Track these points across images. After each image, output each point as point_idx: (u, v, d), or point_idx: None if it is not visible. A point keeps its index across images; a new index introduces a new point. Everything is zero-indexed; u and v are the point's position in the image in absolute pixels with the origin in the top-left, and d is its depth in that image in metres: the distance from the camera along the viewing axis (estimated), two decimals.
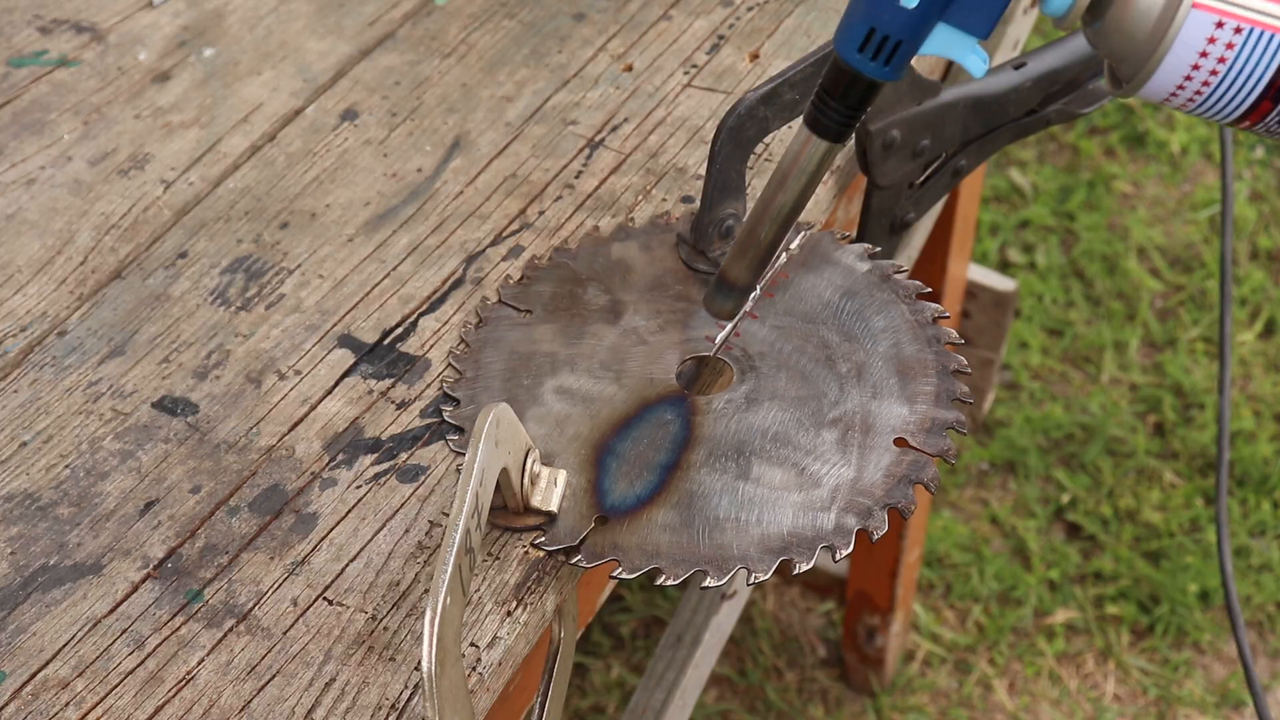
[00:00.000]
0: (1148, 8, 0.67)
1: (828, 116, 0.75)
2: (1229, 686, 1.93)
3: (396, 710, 0.74)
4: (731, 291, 0.83)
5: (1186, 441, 2.15)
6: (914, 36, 0.71)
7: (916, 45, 0.71)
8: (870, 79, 0.73)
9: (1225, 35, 0.66)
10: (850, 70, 0.73)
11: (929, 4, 0.69)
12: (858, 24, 0.71)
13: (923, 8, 0.69)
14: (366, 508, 0.83)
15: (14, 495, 0.84)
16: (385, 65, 1.14)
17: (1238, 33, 0.66)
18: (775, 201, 0.79)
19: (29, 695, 0.75)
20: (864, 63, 0.72)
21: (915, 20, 0.70)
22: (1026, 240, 2.44)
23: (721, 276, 0.83)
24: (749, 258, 0.82)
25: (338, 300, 0.95)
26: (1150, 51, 0.68)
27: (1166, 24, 0.67)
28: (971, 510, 2.11)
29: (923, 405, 0.86)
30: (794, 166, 0.78)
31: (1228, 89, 0.68)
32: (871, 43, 0.71)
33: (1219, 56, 0.67)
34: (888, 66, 0.72)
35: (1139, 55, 0.68)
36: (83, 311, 0.95)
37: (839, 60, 0.73)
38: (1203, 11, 0.66)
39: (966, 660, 1.97)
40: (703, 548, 0.79)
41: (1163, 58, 0.67)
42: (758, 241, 0.81)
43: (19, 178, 1.05)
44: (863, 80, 0.73)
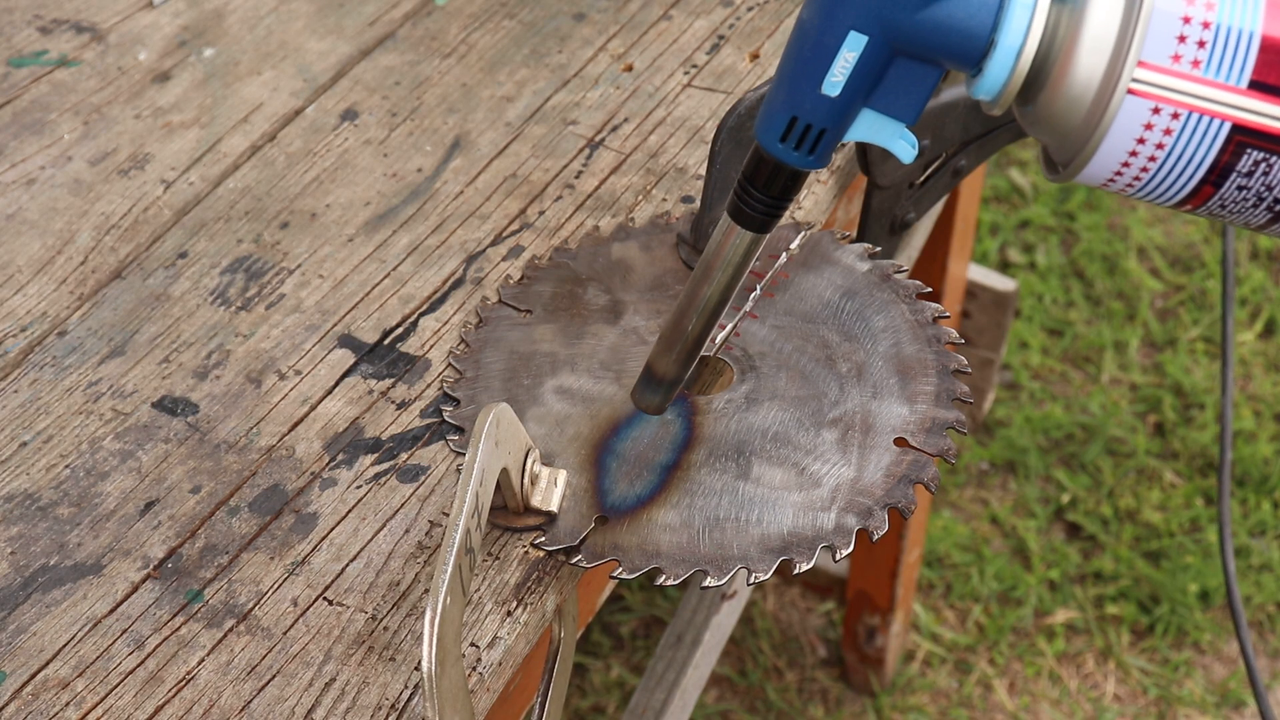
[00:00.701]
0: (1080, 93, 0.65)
1: (751, 207, 0.73)
2: (1229, 686, 1.93)
3: (396, 710, 0.74)
4: (660, 385, 0.81)
5: (1186, 441, 2.15)
6: (837, 124, 0.68)
7: (841, 133, 0.69)
8: (793, 168, 0.70)
9: (1162, 121, 0.64)
10: (772, 160, 0.70)
11: (853, 91, 0.67)
12: (779, 112, 0.69)
13: (846, 95, 0.67)
14: (366, 508, 0.83)
15: (14, 495, 0.84)
16: (385, 65, 1.14)
17: (1175, 118, 0.64)
18: (700, 294, 0.77)
19: (29, 695, 0.75)
20: (787, 152, 0.69)
21: (839, 108, 0.67)
22: (1026, 240, 2.44)
23: (649, 370, 0.81)
24: (676, 351, 0.79)
25: (338, 300, 0.95)
26: (1085, 139, 0.65)
27: (1101, 110, 0.64)
28: (971, 510, 2.11)
29: (923, 405, 0.86)
30: (718, 258, 0.75)
31: (1167, 174, 0.66)
32: (794, 132, 0.68)
33: (1156, 142, 0.65)
34: (811, 155, 0.69)
35: (1073, 142, 0.66)
36: (83, 311, 0.95)
37: (760, 149, 0.71)
38: (1137, 98, 0.64)
39: (966, 660, 1.97)
40: (703, 547, 0.79)
41: (1098, 145, 0.65)
42: (684, 334, 0.78)
43: (19, 178, 1.05)
44: (785, 169, 0.71)
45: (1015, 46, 0.65)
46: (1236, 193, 0.66)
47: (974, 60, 0.65)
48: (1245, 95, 0.63)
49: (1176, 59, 0.63)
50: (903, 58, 0.66)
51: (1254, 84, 0.63)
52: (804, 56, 0.67)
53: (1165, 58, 0.63)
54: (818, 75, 0.66)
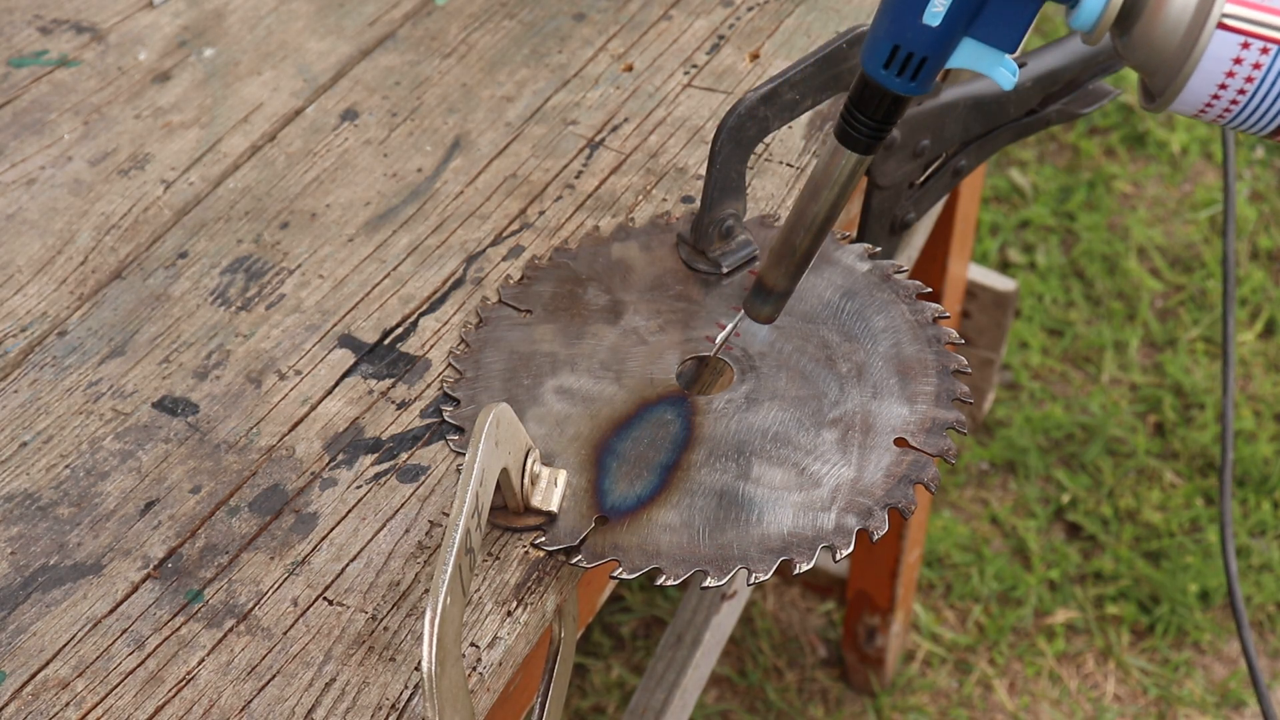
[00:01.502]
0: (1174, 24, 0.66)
1: (856, 130, 0.76)
2: (1229, 686, 1.93)
3: (396, 710, 0.74)
4: (769, 296, 0.84)
5: (1186, 441, 2.15)
6: (939, 52, 0.70)
7: (942, 61, 0.71)
8: (896, 94, 0.73)
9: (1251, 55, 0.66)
10: (877, 85, 0.73)
11: (953, 21, 0.69)
12: (883, 40, 0.71)
13: (947, 25, 0.69)
14: (366, 508, 0.83)
15: (14, 495, 0.84)
16: (385, 65, 1.14)
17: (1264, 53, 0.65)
18: (809, 211, 0.80)
19: (29, 695, 0.75)
20: (889, 79, 0.72)
21: (940, 37, 0.70)
22: (1026, 240, 2.44)
23: (760, 282, 0.84)
24: (785, 265, 0.83)
25: (338, 300, 0.95)
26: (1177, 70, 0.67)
27: (1192, 42, 0.66)
28: (971, 510, 2.11)
29: (923, 405, 0.86)
30: (825, 178, 0.78)
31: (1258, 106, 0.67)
32: (897, 59, 0.71)
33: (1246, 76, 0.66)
34: (914, 82, 0.72)
35: (1167, 71, 0.68)
36: (83, 311, 0.95)
37: (865, 75, 0.73)
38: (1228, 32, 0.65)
39: (966, 660, 1.97)
40: (703, 548, 0.79)
41: (1189, 75, 0.67)
42: (793, 249, 0.82)
43: (19, 178, 1.05)
44: (889, 95, 0.73)
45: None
46: None
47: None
48: None
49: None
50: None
51: None
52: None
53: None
54: (919, 5, 0.69)
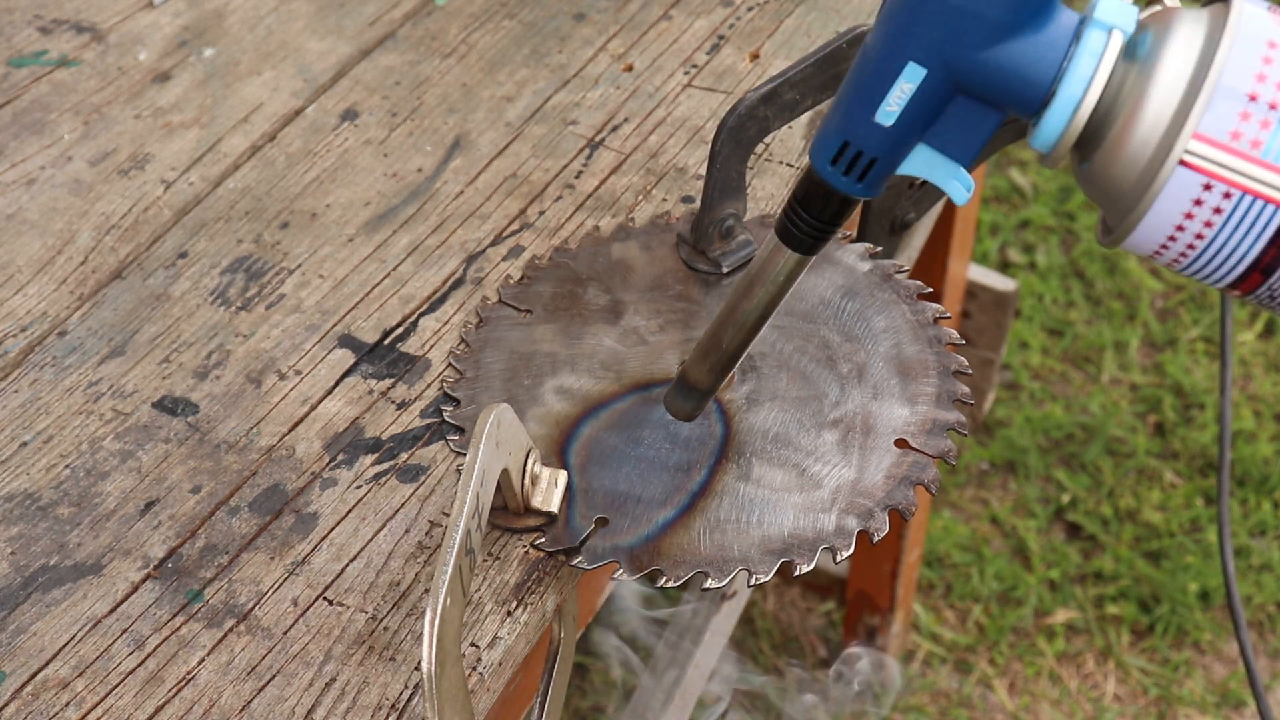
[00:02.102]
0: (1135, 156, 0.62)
1: (798, 228, 0.72)
2: (1229, 686, 1.93)
3: (396, 710, 0.74)
4: (693, 394, 0.81)
5: (1187, 441, 2.15)
6: (890, 155, 0.67)
7: (893, 164, 0.67)
8: (843, 194, 0.69)
9: (1213, 198, 0.61)
10: (822, 183, 0.69)
11: (907, 123, 0.65)
12: (832, 135, 0.68)
13: (901, 126, 0.65)
14: (367, 508, 0.83)
15: (14, 495, 0.84)
16: (385, 65, 1.14)
17: (1226, 198, 0.61)
18: (740, 309, 0.76)
19: (29, 695, 0.75)
20: (836, 177, 0.68)
21: (892, 138, 0.66)
22: (1026, 240, 2.44)
23: (683, 377, 0.81)
24: (711, 362, 0.79)
25: (338, 300, 0.95)
26: (1133, 203, 0.63)
27: (1151, 178, 0.62)
28: (972, 510, 2.11)
29: (923, 406, 0.86)
30: (761, 275, 0.75)
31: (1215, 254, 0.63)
32: (845, 156, 0.67)
33: (1205, 220, 0.62)
34: (860, 183, 0.68)
35: (1123, 206, 0.64)
36: (83, 311, 0.95)
37: (811, 170, 0.69)
38: (1190, 171, 0.61)
39: (966, 660, 1.97)
40: (703, 549, 0.79)
41: (1145, 212, 0.62)
42: (720, 347, 0.78)
43: (19, 178, 1.05)
44: (835, 195, 0.69)
45: (1075, 99, 0.63)
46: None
47: (1034, 107, 0.64)
48: None
49: (1236, 136, 0.61)
50: (963, 96, 0.65)
51: None
52: (862, 82, 0.66)
53: (1224, 134, 0.61)
54: (873, 103, 0.65)
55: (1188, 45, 0.62)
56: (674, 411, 0.82)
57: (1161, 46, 0.62)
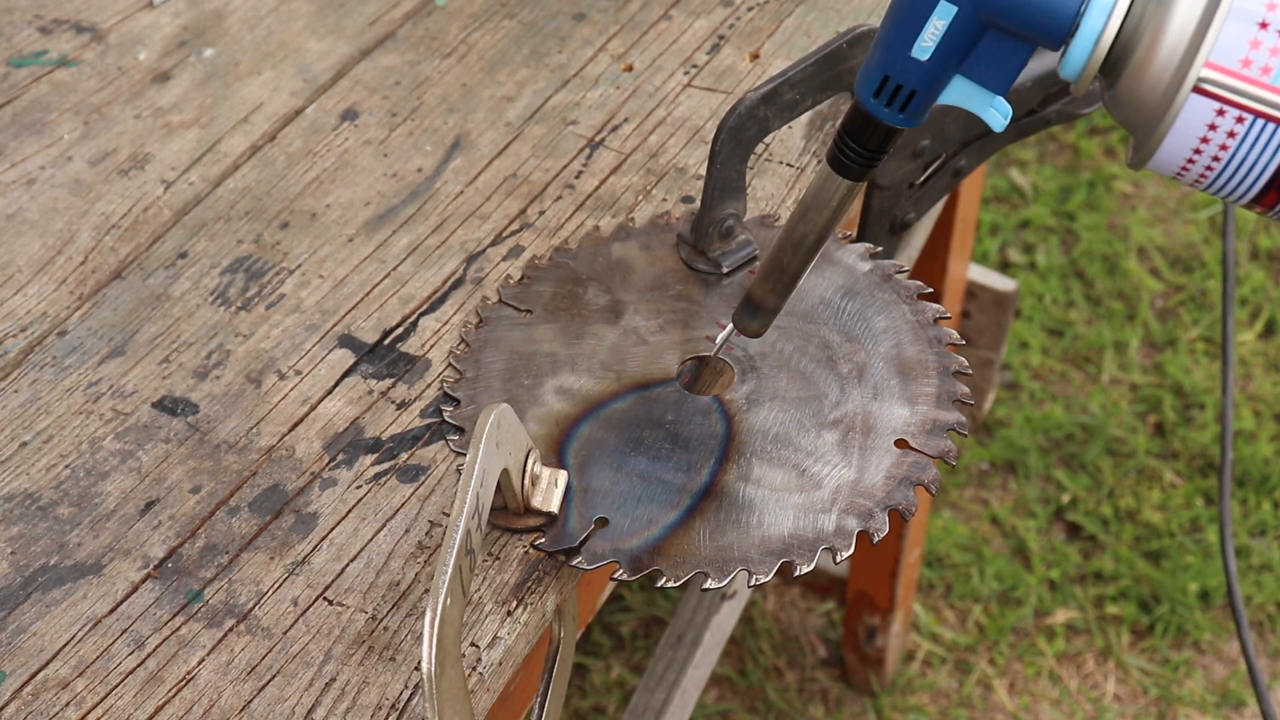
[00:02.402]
0: (1154, 83, 0.65)
1: (847, 157, 0.75)
2: (1229, 686, 1.93)
3: (396, 710, 0.74)
4: (758, 311, 0.84)
5: (1186, 441, 2.15)
6: (928, 87, 0.70)
7: (932, 96, 0.71)
8: (887, 125, 0.73)
9: (1226, 122, 0.64)
10: (867, 115, 0.73)
11: (943, 57, 0.69)
12: (874, 70, 0.71)
13: (936, 60, 0.69)
14: (366, 508, 0.83)
15: (14, 495, 0.84)
16: (385, 65, 1.14)
17: (1240, 121, 0.64)
18: (798, 230, 0.80)
19: (29, 695, 0.75)
20: (879, 108, 0.72)
21: (929, 71, 0.69)
22: (1026, 240, 2.44)
23: (749, 297, 0.84)
24: (773, 282, 0.82)
25: (338, 300, 0.95)
26: (1154, 128, 0.66)
27: (1169, 103, 0.65)
28: (972, 510, 2.11)
29: (924, 406, 0.86)
30: (816, 201, 0.78)
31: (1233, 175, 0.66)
32: (886, 89, 0.71)
33: (1220, 143, 0.65)
34: (903, 114, 0.72)
35: (1145, 129, 0.67)
36: (83, 311, 0.95)
37: (857, 103, 0.73)
38: (1203, 97, 0.64)
39: (966, 660, 1.97)
40: (703, 549, 0.79)
41: (1163, 138, 0.66)
42: (782, 268, 0.81)
43: (19, 178, 1.05)
44: (880, 125, 0.73)
45: (1096, 29, 0.66)
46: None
47: (1059, 39, 0.67)
48: None
49: (1247, 63, 0.63)
50: (994, 30, 0.68)
51: None
52: (899, 19, 0.69)
53: (1235, 60, 0.63)
54: (909, 39, 0.69)
55: None
56: (743, 328, 0.85)
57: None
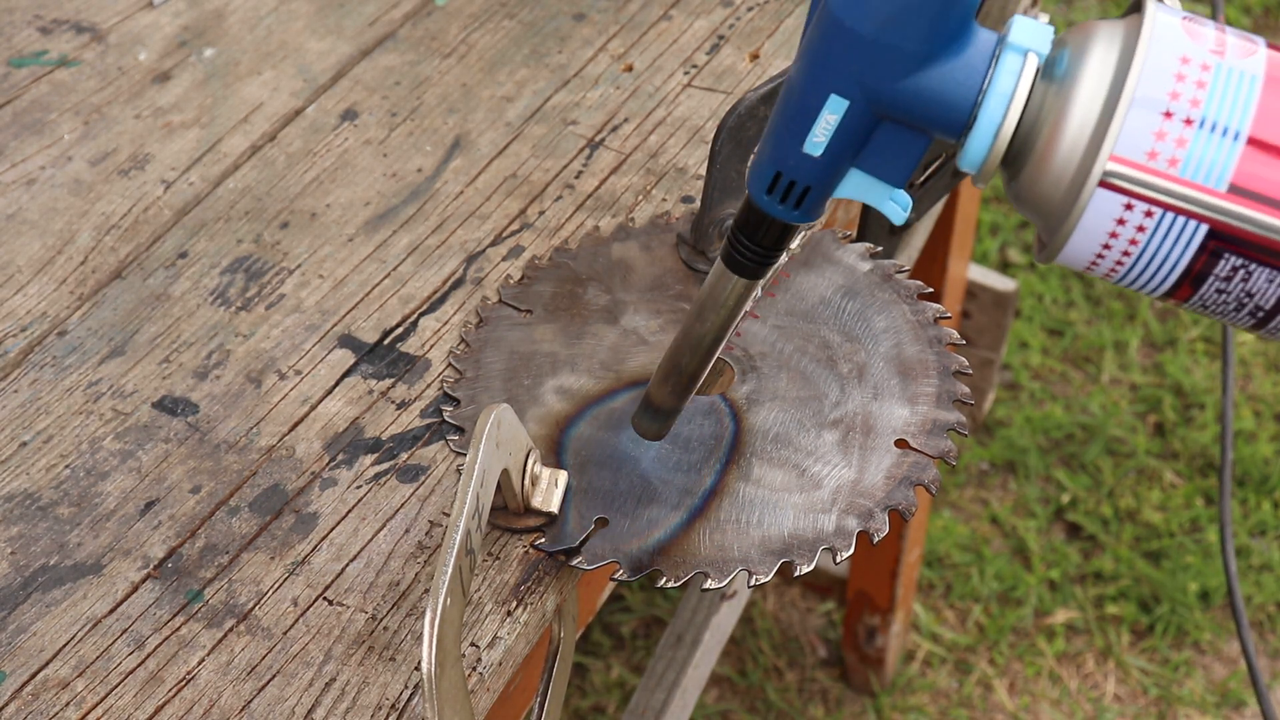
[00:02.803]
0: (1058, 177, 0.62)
1: (742, 255, 0.73)
2: (1229, 686, 1.93)
3: (396, 710, 0.74)
4: (658, 414, 0.82)
5: (1186, 441, 2.15)
6: (823, 183, 0.67)
7: (827, 191, 0.68)
8: (782, 221, 0.70)
9: (1135, 217, 0.61)
10: (760, 212, 0.70)
11: (836, 151, 0.66)
12: (765, 166, 0.68)
13: (829, 155, 0.66)
14: (366, 508, 0.83)
15: (14, 495, 0.84)
16: (385, 65, 1.14)
17: (1148, 215, 0.61)
18: (695, 332, 0.77)
19: (29, 695, 0.75)
20: (772, 205, 0.69)
21: (822, 168, 0.66)
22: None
23: (648, 399, 0.82)
24: (672, 384, 0.80)
25: (338, 300, 0.95)
26: (1060, 222, 0.63)
27: (1074, 197, 0.62)
28: (972, 510, 2.11)
29: (924, 406, 0.86)
30: (712, 300, 0.75)
31: (1144, 269, 0.63)
32: (779, 186, 0.68)
33: (1130, 238, 0.62)
34: (798, 210, 0.69)
35: (1051, 224, 0.64)
36: (83, 311, 0.95)
37: (749, 199, 0.70)
38: (1110, 191, 0.61)
39: (967, 660, 1.97)
40: (703, 549, 0.79)
41: (1070, 233, 0.63)
42: (680, 369, 0.79)
43: (19, 178, 1.05)
44: (775, 223, 0.70)
45: (995, 122, 0.63)
46: (1216, 295, 0.64)
47: (957, 131, 0.64)
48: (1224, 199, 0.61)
49: (1153, 155, 0.61)
50: (888, 122, 0.65)
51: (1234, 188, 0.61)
52: (788, 113, 0.66)
53: (1140, 153, 0.61)
54: (800, 133, 0.66)
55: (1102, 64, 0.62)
56: (642, 432, 0.83)
57: (1078, 65, 0.62)
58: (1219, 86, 0.61)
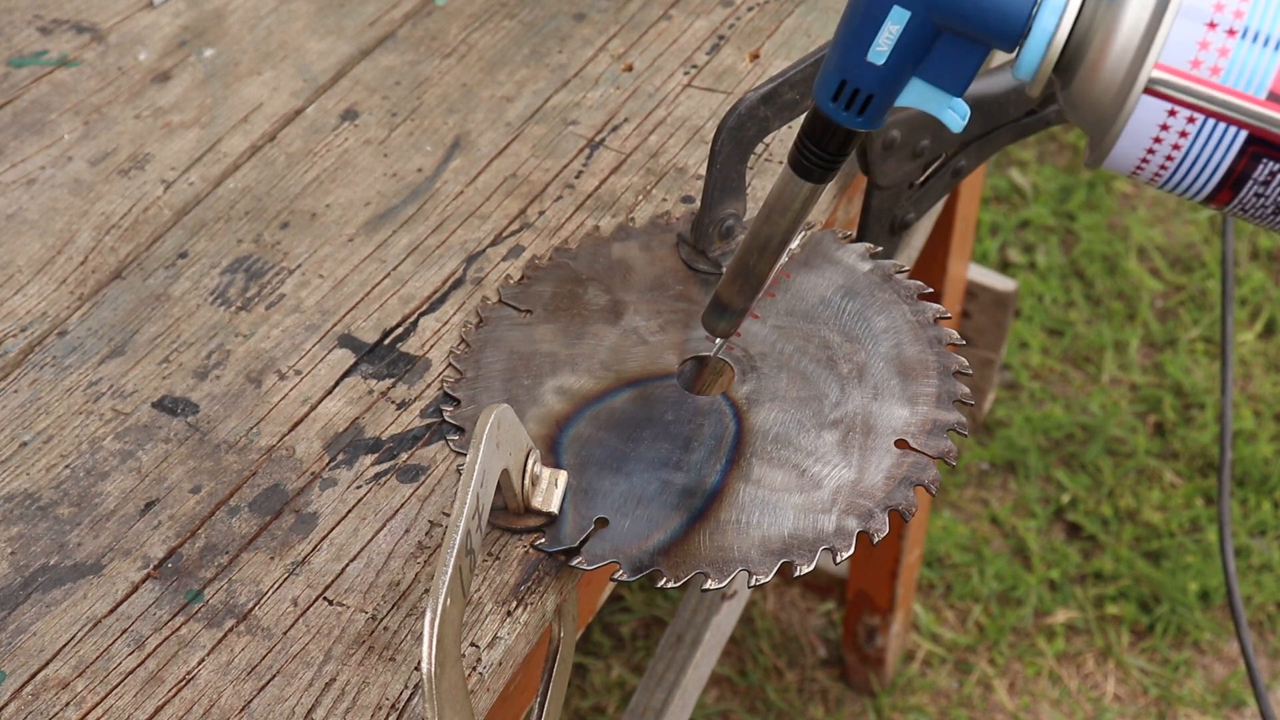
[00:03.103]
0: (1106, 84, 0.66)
1: (809, 160, 0.76)
2: (1229, 686, 1.93)
3: (396, 710, 0.74)
4: (726, 312, 0.84)
5: (1186, 441, 2.15)
6: (885, 90, 0.70)
7: (890, 99, 0.71)
8: (847, 128, 0.73)
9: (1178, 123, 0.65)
10: (826, 118, 0.73)
11: (898, 60, 0.69)
12: (831, 74, 0.71)
13: (892, 63, 0.69)
14: (366, 508, 0.83)
15: (14, 495, 0.84)
16: (385, 65, 1.14)
17: (1190, 121, 0.65)
18: (763, 233, 0.80)
19: (29, 695, 0.75)
20: (837, 112, 0.72)
21: (885, 75, 0.70)
22: (1026, 240, 2.44)
23: (717, 298, 0.84)
24: (741, 283, 0.83)
25: (338, 300, 0.95)
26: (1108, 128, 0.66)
27: (1121, 104, 0.65)
28: (972, 510, 2.11)
29: (924, 407, 0.86)
30: (779, 203, 0.79)
31: (1186, 173, 0.67)
32: (844, 94, 0.71)
33: (1173, 143, 0.66)
34: (861, 117, 0.72)
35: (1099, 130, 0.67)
36: (83, 311, 0.95)
37: (816, 107, 0.73)
38: (1154, 98, 0.64)
39: (966, 660, 1.97)
40: (703, 549, 0.79)
41: (1116, 137, 0.66)
42: (748, 269, 0.82)
43: (19, 178, 1.05)
44: (839, 129, 0.73)
45: (1049, 30, 0.66)
46: (1255, 199, 0.67)
47: (1013, 41, 0.67)
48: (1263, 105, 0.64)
49: (1196, 64, 0.64)
50: (948, 33, 0.68)
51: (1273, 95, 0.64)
52: (853, 24, 0.69)
53: (1185, 61, 0.64)
54: (864, 43, 0.69)
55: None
56: (711, 329, 0.85)
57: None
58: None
